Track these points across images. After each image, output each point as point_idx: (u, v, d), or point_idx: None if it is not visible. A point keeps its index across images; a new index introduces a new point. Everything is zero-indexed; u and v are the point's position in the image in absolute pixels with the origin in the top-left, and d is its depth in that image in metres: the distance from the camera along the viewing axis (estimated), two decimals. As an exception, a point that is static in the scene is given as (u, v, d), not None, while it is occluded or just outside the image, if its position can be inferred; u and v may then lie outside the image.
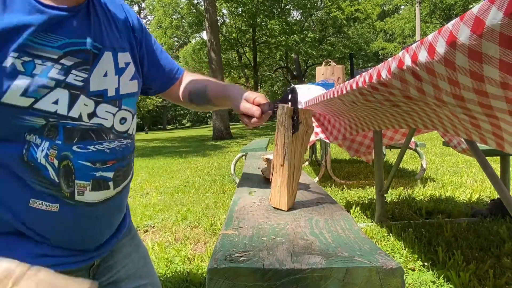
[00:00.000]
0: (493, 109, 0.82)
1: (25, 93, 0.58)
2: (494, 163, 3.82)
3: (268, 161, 1.22)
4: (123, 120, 0.74)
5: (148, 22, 35.13)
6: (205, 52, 20.74)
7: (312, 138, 3.02)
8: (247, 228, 0.69)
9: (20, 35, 0.57)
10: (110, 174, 0.70)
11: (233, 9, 21.92)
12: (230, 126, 14.26)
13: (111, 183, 0.70)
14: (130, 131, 0.76)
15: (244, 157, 4.36)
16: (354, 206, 2.95)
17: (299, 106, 0.81)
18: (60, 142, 0.63)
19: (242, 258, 0.51)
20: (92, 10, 0.69)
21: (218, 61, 13.48)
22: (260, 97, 0.87)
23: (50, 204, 0.63)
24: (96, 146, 0.68)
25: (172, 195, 4.02)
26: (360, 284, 0.47)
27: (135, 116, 0.79)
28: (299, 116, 0.80)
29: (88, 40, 0.66)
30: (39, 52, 0.59)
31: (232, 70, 25.46)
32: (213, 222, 2.80)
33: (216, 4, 15.69)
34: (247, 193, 1.03)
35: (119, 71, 0.73)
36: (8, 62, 0.56)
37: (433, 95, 0.97)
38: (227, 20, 24.45)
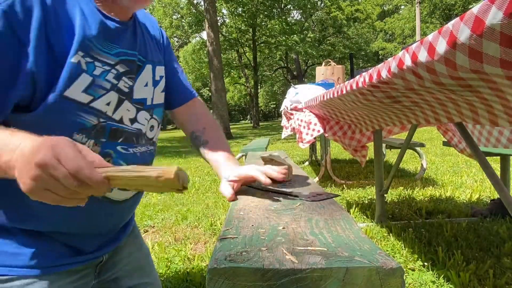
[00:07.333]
0: (504, 92, 0.81)
1: (86, 90, 0.63)
2: (494, 163, 3.82)
3: (269, 161, 1.19)
4: (151, 128, 0.80)
5: (148, 22, 35.10)
6: (205, 52, 20.75)
7: (312, 137, 3.01)
8: (247, 228, 0.68)
9: (86, 37, 0.62)
10: None
11: (233, 9, 21.91)
12: (230, 126, 14.25)
13: None
14: (154, 138, 0.83)
15: (244, 157, 4.36)
16: (354, 206, 2.95)
17: (300, 106, 0.81)
18: (104, 140, 0.68)
19: (242, 258, 0.50)
20: (138, 27, 0.77)
21: (218, 61, 13.48)
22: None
23: None
24: (133, 150, 0.74)
25: (172, 195, 4.02)
26: (360, 284, 0.47)
27: (160, 125, 0.85)
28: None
29: (136, 52, 0.73)
30: (99, 56, 0.65)
31: (232, 70, 25.43)
32: (213, 222, 2.80)
33: (216, 4, 15.69)
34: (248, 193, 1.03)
35: (155, 83, 0.80)
36: (76, 59, 0.61)
37: (431, 80, 0.96)
38: (227, 20, 24.44)
